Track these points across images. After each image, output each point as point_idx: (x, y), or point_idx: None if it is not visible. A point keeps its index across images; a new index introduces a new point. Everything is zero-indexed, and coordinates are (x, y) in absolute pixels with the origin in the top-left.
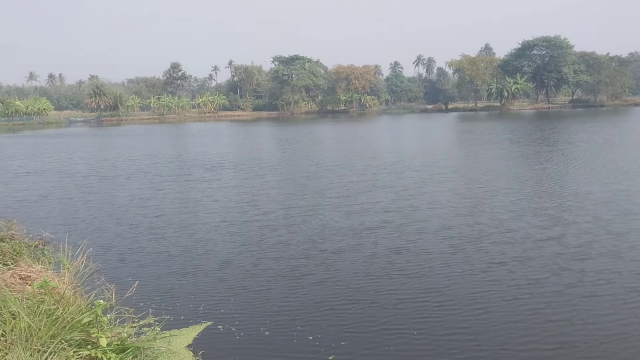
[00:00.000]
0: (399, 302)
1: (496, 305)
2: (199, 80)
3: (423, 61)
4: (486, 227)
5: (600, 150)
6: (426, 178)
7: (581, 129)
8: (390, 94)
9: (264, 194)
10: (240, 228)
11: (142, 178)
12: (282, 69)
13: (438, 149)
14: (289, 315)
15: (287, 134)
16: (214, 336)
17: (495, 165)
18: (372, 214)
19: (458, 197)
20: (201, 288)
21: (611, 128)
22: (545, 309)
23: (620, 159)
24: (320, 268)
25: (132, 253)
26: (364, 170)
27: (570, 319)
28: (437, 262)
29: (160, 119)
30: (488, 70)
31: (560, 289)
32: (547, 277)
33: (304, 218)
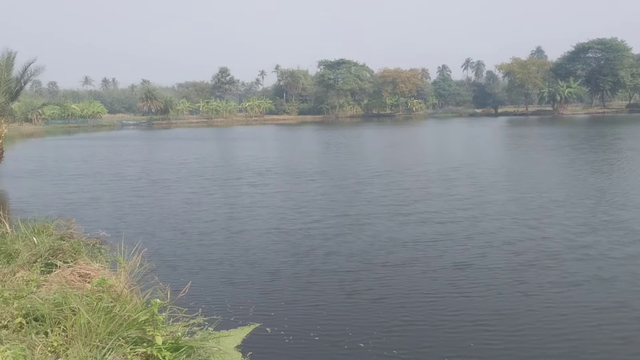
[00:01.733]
0: (461, 324)
1: (581, 332)
2: (246, 85)
3: (472, 64)
4: (556, 241)
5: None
6: (485, 186)
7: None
8: (437, 98)
9: (314, 200)
10: (291, 236)
11: (193, 182)
12: (328, 73)
13: (494, 155)
14: (340, 322)
15: (335, 138)
16: (262, 338)
17: (558, 173)
18: (430, 225)
19: (522, 208)
20: (251, 291)
21: None
22: (637, 338)
23: None
24: (374, 280)
25: (184, 255)
26: (417, 176)
27: None
28: (506, 281)
29: (208, 123)
30: (540, 74)
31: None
32: (634, 300)
33: (357, 227)
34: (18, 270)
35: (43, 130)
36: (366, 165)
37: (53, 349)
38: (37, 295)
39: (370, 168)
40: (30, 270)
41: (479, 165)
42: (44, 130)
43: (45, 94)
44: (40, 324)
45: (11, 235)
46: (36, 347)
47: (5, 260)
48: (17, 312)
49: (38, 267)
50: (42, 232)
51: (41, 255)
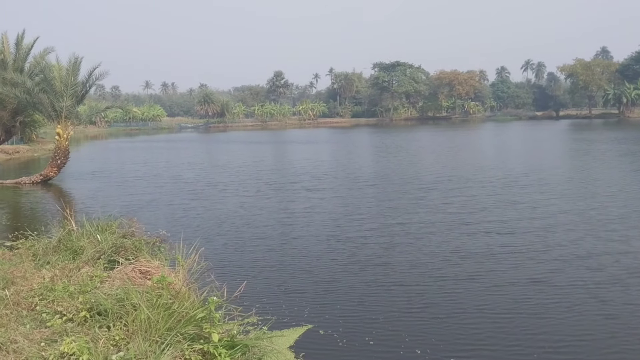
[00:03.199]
0: (533, 348)
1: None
2: (300, 88)
3: (532, 66)
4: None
5: None
6: (557, 194)
7: None
8: (495, 100)
9: (373, 206)
10: (349, 243)
11: (250, 185)
12: (382, 76)
13: (562, 161)
14: (397, 330)
15: (392, 141)
16: (316, 340)
17: (637, 181)
18: (501, 235)
19: (601, 219)
20: (306, 295)
21: None
22: None
23: None
24: (436, 292)
25: (240, 256)
26: (483, 182)
27: None
28: (585, 300)
29: (262, 126)
30: (604, 75)
31: None
32: None
33: (419, 236)
34: (83, 266)
35: (106, 132)
36: (427, 170)
37: (115, 343)
38: (100, 290)
39: (432, 173)
40: (94, 267)
41: (548, 171)
42: (107, 132)
43: (108, 97)
44: (103, 318)
45: (77, 232)
46: (99, 340)
47: (71, 257)
48: (82, 306)
49: (102, 263)
50: (105, 230)
51: (104, 252)
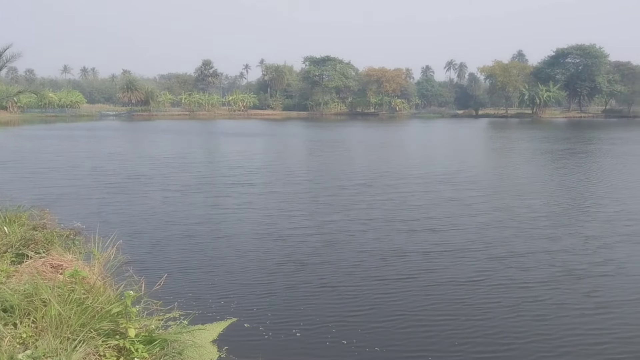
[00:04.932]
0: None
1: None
2: (229, 78)
3: (454, 66)
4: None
5: None
6: (488, 191)
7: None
8: (420, 98)
9: (309, 202)
10: (279, 236)
11: (177, 178)
12: (313, 70)
13: (489, 159)
14: (326, 322)
15: (325, 135)
16: (240, 333)
17: (567, 181)
18: (437, 233)
19: (531, 216)
20: (229, 287)
21: None
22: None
23: None
24: (372, 290)
25: (163, 251)
26: (418, 179)
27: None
28: (523, 297)
29: (190, 115)
30: (520, 77)
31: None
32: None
33: (357, 232)
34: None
35: (20, 119)
36: (362, 166)
37: (22, 341)
38: (6, 285)
39: (367, 169)
40: (0, 261)
41: (477, 169)
42: (20, 119)
43: (22, 81)
44: (9, 315)
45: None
46: (4, 339)
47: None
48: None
49: (8, 257)
50: (14, 222)
51: (12, 245)
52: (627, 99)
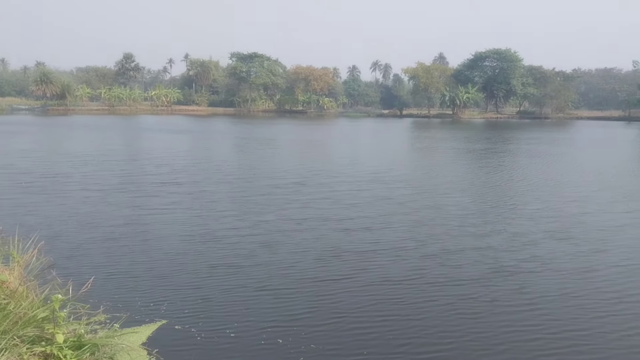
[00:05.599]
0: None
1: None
2: (152, 73)
3: (380, 67)
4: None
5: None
6: (419, 190)
7: (554, 138)
8: (347, 97)
9: (242, 202)
10: (214, 241)
11: (98, 177)
12: (240, 66)
13: (417, 157)
14: (260, 321)
15: (255, 133)
16: (171, 335)
17: (491, 179)
18: (373, 232)
19: (460, 214)
20: (160, 290)
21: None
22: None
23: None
24: (308, 290)
25: (85, 251)
26: (351, 177)
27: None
28: (456, 295)
29: (110, 111)
30: (442, 79)
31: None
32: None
33: (291, 232)
34: None
35: None
36: (296, 164)
37: None
38: None
39: (300, 167)
40: None
41: (406, 167)
42: None
43: None
44: None
45: None
46: None
47: None
48: None
49: None
50: None
51: None
52: (539, 101)
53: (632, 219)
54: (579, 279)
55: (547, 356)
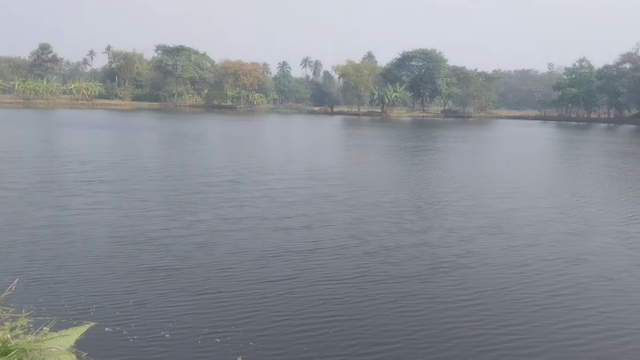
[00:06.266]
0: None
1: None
2: (71, 65)
3: (310, 63)
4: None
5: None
6: (358, 187)
7: (480, 136)
8: (278, 93)
9: (174, 201)
10: (145, 242)
11: (12, 175)
12: (166, 59)
13: (355, 155)
14: (196, 322)
15: (183, 128)
16: (102, 337)
17: (425, 176)
18: (314, 230)
19: (396, 210)
20: (88, 293)
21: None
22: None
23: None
24: (246, 292)
25: (4, 255)
26: (288, 175)
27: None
28: (398, 293)
29: (25, 104)
30: (371, 77)
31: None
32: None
33: (228, 232)
34: None
35: None
36: (230, 160)
37: None
38: None
39: (235, 164)
40: None
41: (344, 165)
42: None
43: None
44: None
45: None
46: None
47: None
48: None
49: None
50: None
51: None
52: (462, 100)
53: (556, 214)
54: (514, 274)
55: (489, 351)
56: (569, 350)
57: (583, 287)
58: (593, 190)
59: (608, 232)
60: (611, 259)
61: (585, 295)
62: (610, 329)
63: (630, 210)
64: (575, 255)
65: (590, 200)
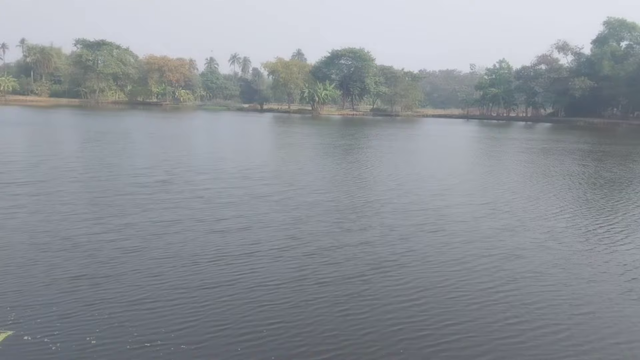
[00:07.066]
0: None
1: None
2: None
3: (239, 60)
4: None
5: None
6: (295, 186)
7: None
8: (206, 90)
9: (99, 203)
10: (69, 248)
11: None
12: (86, 54)
13: (288, 154)
14: (127, 331)
15: (108, 126)
16: (20, 346)
17: (362, 174)
18: (251, 231)
19: (332, 207)
20: (6, 301)
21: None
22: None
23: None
24: (173, 289)
25: None
26: (222, 174)
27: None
28: (338, 294)
29: None
30: (301, 75)
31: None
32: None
33: (159, 236)
34: None
35: None
36: (159, 159)
37: None
38: None
39: (165, 163)
40: None
41: (278, 163)
42: None
43: None
44: None
45: None
46: None
47: None
48: None
49: None
50: None
51: None
52: (390, 99)
53: (489, 210)
54: (454, 271)
55: (435, 352)
56: (511, 348)
57: (519, 283)
58: (520, 186)
59: (537, 228)
60: (542, 254)
61: (521, 292)
62: (547, 325)
63: (555, 205)
64: (510, 251)
65: (519, 196)
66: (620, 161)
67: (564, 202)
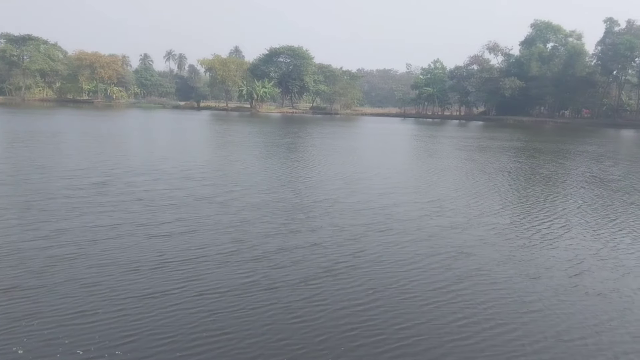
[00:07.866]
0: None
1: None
2: None
3: (174, 57)
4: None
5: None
6: (241, 187)
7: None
8: (140, 87)
9: (24, 209)
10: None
11: None
12: (11, 49)
13: (230, 152)
14: (58, 344)
15: (36, 125)
16: None
17: (308, 173)
18: (197, 234)
19: (278, 206)
20: None
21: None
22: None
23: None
24: (110, 299)
25: None
26: (163, 175)
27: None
28: (294, 298)
29: None
30: (239, 73)
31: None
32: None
33: (96, 243)
34: None
35: None
36: (94, 161)
37: None
38: None
39: (100, 165)
40: None
41: (220, 163)
42: None
43: None
44: None
45: None
46: None
47: None
48: None
49: None
50: None
51: None
52: (329, 97)
53: (435, 208)
54: (406, 271)
55: (393, 358)
56: (465, 350)
57: (469, 282)
58: (462, 183)
59: (482, 225)
60: (489, 251)
61: (472, 290)
62: (499, 325)
63: (497, 201)
64: (457, 249)
65: (462, 193)
66: (552, 158)
67: (505, 198)
